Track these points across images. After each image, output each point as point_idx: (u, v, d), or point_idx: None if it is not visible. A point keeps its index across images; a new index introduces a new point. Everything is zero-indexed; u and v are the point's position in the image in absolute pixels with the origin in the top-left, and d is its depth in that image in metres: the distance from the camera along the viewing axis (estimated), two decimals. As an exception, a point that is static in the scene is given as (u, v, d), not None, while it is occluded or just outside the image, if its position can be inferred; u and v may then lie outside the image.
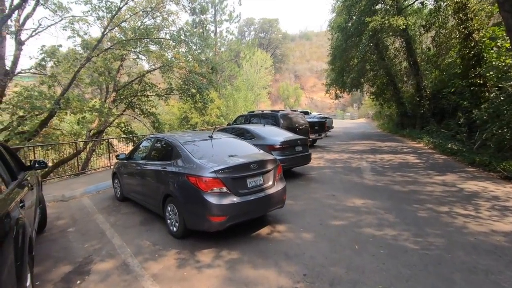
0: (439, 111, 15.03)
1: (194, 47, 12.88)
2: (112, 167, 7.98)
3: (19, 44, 9.84)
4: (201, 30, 15.87)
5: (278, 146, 6.83)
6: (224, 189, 3.49)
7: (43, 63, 9.73)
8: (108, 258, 3.37)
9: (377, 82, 20.17)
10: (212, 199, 3.40)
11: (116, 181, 5.87)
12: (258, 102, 38.40)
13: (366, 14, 12.53)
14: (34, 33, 10.31)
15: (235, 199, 3.51)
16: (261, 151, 4.57)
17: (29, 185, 3.12)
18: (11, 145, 9.25)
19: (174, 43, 13.21)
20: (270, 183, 3.99)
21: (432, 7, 13.59)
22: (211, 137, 4.55)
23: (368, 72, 18.26)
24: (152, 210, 4.61)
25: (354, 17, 13.34)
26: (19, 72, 10.35)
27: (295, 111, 11.54)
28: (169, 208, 3.94)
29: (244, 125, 8.99)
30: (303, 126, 10.75)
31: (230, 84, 27.06)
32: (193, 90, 13.72)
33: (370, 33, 11.98)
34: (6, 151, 3.33)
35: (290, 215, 4.59)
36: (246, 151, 4.38)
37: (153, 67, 13.83)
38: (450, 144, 10.42)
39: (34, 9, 10.04)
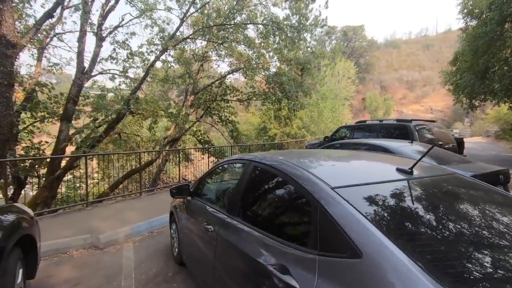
0: None
1: (286, 40, 10.31)
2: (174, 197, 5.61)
3: (100, 40, 8.91)
4: (294, 20, 13.43)
5: (467, 185, 3.45)
6: None
7: (114, 55, 8.50)
8: None
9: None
10: None
11: (174, 228, 3.42)
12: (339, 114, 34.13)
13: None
14: (115, 29, 9.39)
15: None
16: None
17: None
18: (76, 153, 8.19)
19: (259, 41, 11.09)
20: None
21: None
22: (411, 171, 1.59)
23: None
24: None
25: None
26: (100, 73, 9.51)
27: (432, 121, 7.79)
28: None
29: (374, 140, 5.67)
30: (450, 145, 6.92)
31: (314, 92, 23.90)
32: (280, 94, 11.16)
33: None
34: None
35: None
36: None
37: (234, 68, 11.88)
38: None
39: (117, 2, 9.10)
